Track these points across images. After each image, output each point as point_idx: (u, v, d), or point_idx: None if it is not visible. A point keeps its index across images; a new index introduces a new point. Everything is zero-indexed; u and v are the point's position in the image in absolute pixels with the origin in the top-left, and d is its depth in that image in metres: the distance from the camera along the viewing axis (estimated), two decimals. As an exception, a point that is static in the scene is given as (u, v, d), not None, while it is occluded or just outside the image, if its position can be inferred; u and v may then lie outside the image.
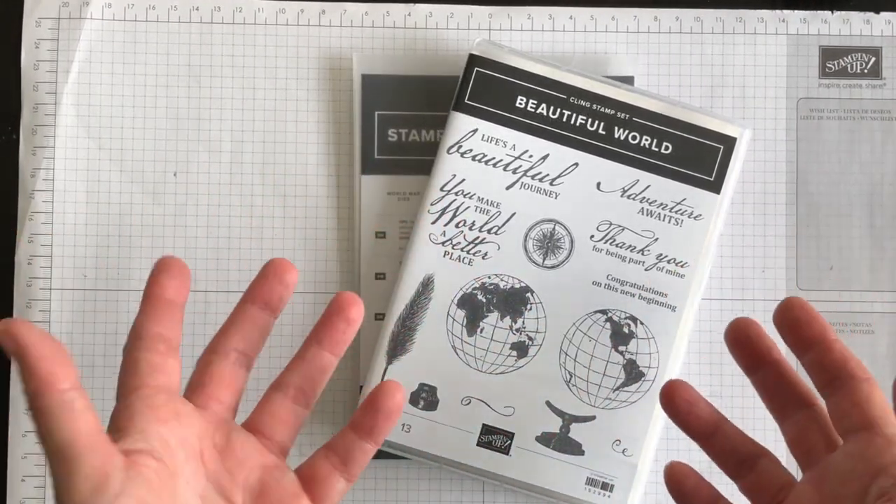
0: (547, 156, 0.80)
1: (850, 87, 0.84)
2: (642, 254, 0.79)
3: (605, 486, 0.79)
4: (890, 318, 0.83)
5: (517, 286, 0.80)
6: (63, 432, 0.56)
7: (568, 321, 0.79)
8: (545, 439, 0.79)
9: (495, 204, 0.80)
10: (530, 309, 0.79)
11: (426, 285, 0.79)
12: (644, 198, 0.79)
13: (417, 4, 0.84)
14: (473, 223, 0.80)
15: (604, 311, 0.79)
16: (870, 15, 0.84)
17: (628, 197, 0.79)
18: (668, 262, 0.79)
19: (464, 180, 0.80)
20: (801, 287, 0.83)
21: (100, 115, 0.83)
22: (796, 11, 0.84)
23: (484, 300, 0.79)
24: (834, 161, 0.84)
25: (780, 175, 0.84)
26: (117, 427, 0.62)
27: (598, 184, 0.79)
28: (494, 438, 0.79)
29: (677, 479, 0.70)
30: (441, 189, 0.80)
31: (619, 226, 0.79)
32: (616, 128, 0.79)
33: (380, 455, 0.80)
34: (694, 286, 0.79)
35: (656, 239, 0.79)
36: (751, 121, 0.83)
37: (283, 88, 0.84)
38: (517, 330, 0.79)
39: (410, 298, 0.79)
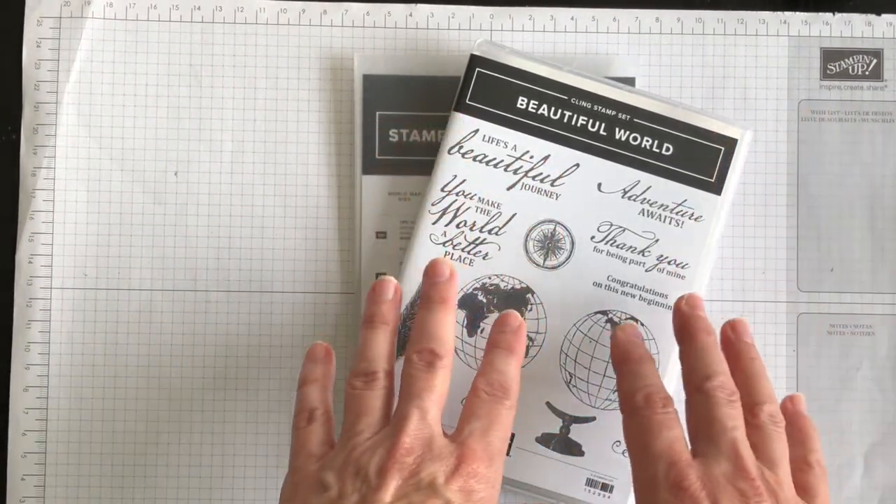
0: (548, 156, 0.80)
1: (852, 89, 0.84)
2: (643, 255, 0.79)
3: (605, 487, 0.79)
4: (891, 319, 0.83)
5: (518, 287, 0.80)
6: None
7: (568, 322, 0.79)
8: (545, 440, 0.79)
9: (496, 204, 0.80)
10: (530, 310, 0.79)
11: (427, 285, 0.80)
12: (645, 199, 0.79)
13: (419, 5, 0.84)
14: (474, 224, 0.80)
15: (604, 312, 0.79)
16: (871, 17, 0.84)
17: (629, 198, 0.79)
18: (669, 263, 0.79)
19: (465, 181, 0.80)
20: (802, 288, 0.83)
21: (101, 114, 0.83)
22: (798, 13, 0.84)
23: (484, 300, 0.79)
24: (835, 163, 0.84)
25: (780, 177, 0.84)
26: None
27: (599, 185, 0.79)
28: (494, 439, 0.79)
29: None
30: (442, 189, 0.80)
31: (620, 227, 0.79)
32: (617, 129, 0.79)
33: (380, 455, 0.80)
34: (695, 288, 0.79)
35: (657, 240, 0.79)
36: (752, 122, 0.83)
37: (284, 88, 0.84)
38: (517, 330, 0.79)
39: (411, 299, 0.79)
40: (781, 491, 0.67)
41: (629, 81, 0.83)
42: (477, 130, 0.80)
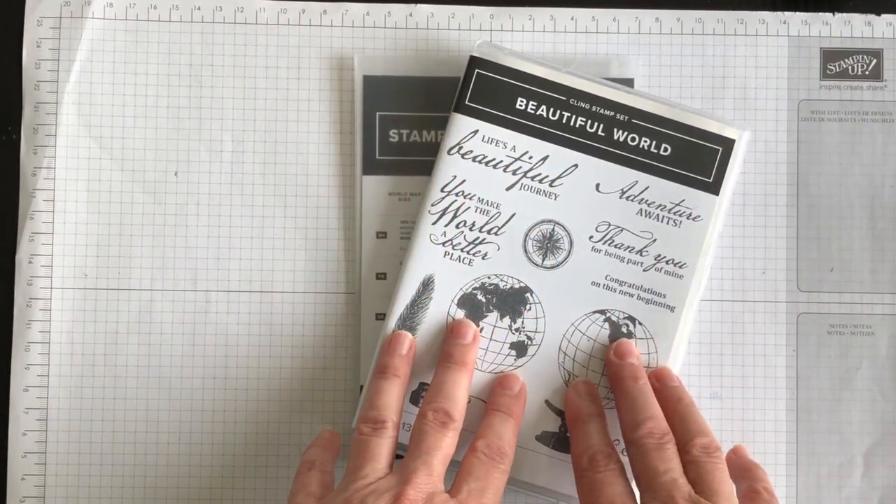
0: (547, 157, 0.80)
1: (851, 89, 0.84)
2: (641, 254, 0.79)
3: (604, 487, 0.79)
4: (890, 319, 0.83)
5: (517, 286, 0.80)
6: None
7: (567, 321, 0.79)
8: (545, 438, 0.79)
9: (495, 205, 0.80)
10: (529, 309, 0.79)
11: (426, 285, 0.80)
12: (643, 199, 0.79)
13: (419, 5, 0.84)
14: (474, 224, 0.80)
15: (602, 312, 0.79)
16: (871, 17, 0.84)
17: (627, 198, 0.79)
18: (667, 262, 0.79)
19: (464, 181, 0.80)
20: (802, 288, 0.83)
21: (101, 114, 0.83)
22: (798, 13, 0.84)
23: (484, 300, 0.80)
24: (835, 163, 0.84)
25: (780, 176, 0.84)
26: None
27: (598, 185, 0.79)
28: (494, 438, 0.79)
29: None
30: (442, 190, 0.80)
31: (618, 227, 0.79)
32: (615, 129, 0.79)
33: (379, 455, 0.80)
34: (693, 287, 0.79)
35: (655, 240, 0.79)
36: (752, 122, 0.83)
37: (284, 88, 0.84)
38: (516, 330, 0.79)
39: (411, 298, 0.80)
40: None
41: (629, 81, 0.83)
42: (476, 131, 0.80)
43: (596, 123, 0.80)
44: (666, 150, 0.79)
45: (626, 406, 0.76)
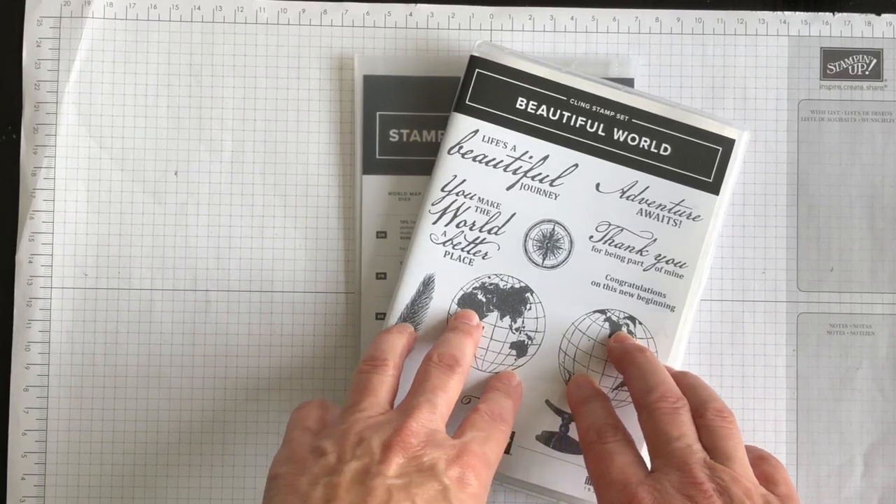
0: (547, 157, 0.80)
1: (851, 89, 0.84)
2: (641, 254, 0.79)
3: (605, 487, 0.79)
4: (890, 319, 0.83)
5: (517, 286, 0.80)
6: None
7: (567, 321, 0.79)
8: (545, 438, 0.80)
9: (496, 204, 0.80)
10: (530, 308, 0.79)
11: (427, 285, 0.80)
12: (643, 199, 0.79)
13: (419, 4, 0.84)
14: (474, 223, 0.80)
15: (602, 311, 0.79)
16: (871, 17, 0.84)
17: (627, 198, 0.79)
18: (667, 262, 0.79)
19: (464, 181, 0.80)
20: (802, 288, 0.83)
21: (101, 113, 0.83)
22: (798, 13, 0.84)
23: (484, 300, 0.80)
24: (835, 163, 0.84)
25: (780, 176, 0.84)
26: None
27: (598, 185, 0.79)
28: (494, 438, 0.79)
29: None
30: (442, 189, 0.80)
31: (618, 226, 0.79)
32: (615, 129, 0.80)
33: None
34: (693, 287, 0.79)
35: (655, 240, 0.79)
36: (752, 122, 0.83)
37: (284, 88, 0.84)
38: (517, 329, 0.79)
39: (411, 298, 0.80)
40: (737, 484, 0.67)
41: (629, 81, 0.83)
42: (476, 131, 0.80)
43: (596, 123, 0.80)
44: (666, 149, 0.79)
45: (636, 374, 0.75)
